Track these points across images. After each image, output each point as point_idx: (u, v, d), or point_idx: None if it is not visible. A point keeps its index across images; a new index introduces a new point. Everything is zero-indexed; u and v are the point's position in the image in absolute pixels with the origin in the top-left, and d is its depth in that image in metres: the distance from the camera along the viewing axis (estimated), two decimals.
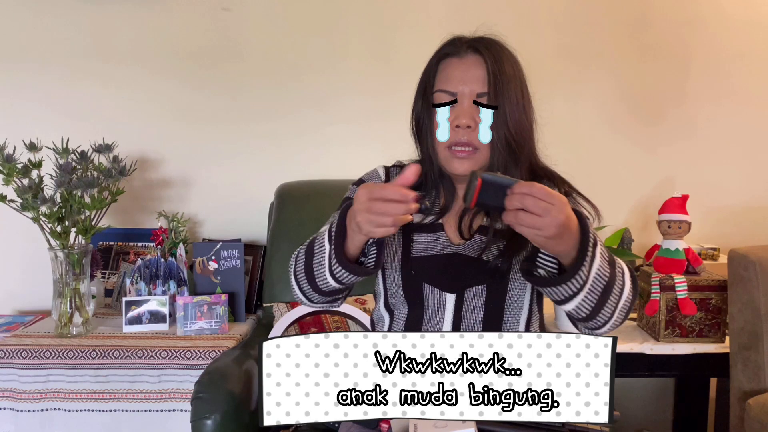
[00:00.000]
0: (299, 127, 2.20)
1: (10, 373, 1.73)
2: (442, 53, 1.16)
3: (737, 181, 2.25)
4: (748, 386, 1.75)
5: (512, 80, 1.12)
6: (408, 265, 1.17)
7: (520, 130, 1.12)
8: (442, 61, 1.15)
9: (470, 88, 1.11)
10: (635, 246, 2.10)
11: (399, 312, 1.20)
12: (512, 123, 1.11)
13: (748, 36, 2.21)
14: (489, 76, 1.10)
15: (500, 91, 1.10)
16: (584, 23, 2.19)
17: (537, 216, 0.90)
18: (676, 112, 2.23)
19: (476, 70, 1.11)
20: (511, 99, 1.11)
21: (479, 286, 1.15)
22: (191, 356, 1.71)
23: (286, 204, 2.01)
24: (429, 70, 1.17)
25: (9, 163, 1.77)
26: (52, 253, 1.82)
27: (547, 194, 0.90)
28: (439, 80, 1.14)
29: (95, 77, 2.16)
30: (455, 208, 1.21)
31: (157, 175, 2.20)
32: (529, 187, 0.90)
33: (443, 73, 1.14)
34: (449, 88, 1.12)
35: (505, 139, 1.11)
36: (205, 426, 1.40)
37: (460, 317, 1.15)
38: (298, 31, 2.17)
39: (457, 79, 1.12)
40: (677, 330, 1.87)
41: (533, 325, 1.20)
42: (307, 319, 1.77)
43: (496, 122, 1.11)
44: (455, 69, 1.13)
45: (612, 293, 1.03)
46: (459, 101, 1.12)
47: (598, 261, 0.99)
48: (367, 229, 0.94)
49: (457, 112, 1.12)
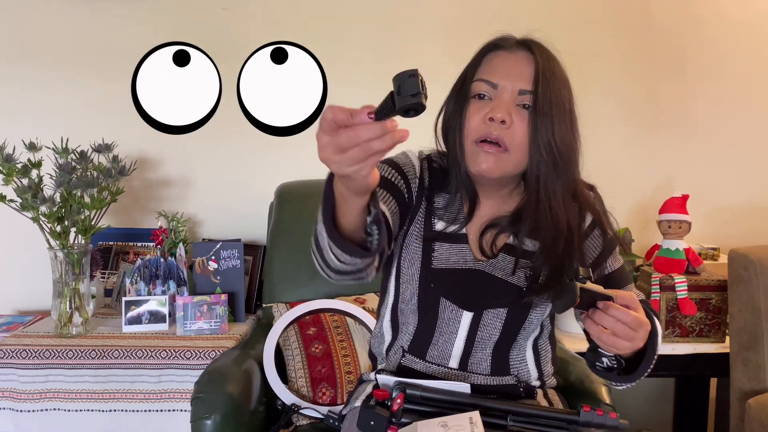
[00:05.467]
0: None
1: (10, 373, 1.73)
2: (490, 45, 1.08)
3: (737, 181, 2.25)
4: (748, 386, 1.75)
5: (563, 86, 1.05)
6: (428, 276, 1.11)
7: (567, 141, 1.04)
8: (488, 54, 1.07)
9: (513, 84, 1.03)
10: (635, 246, 2.10)
11: (407, 322, 1.16)
12: (558, 132, 1.03)
13: (747, 36, 2.21)
14: (538, 74, 1.02)
15: (548, 93, 1.02)
16: (584, 23, 2.19)
17: (620, 339, 0.94)
18: (676, 112, 2.23)
19: (524, 66, 1.04)
20: (560, 105, 1.03)
21: (500, 309, 1.11)
22: (191, 356, 1.71)
23: (286, 204, 2.01)
24: (472, 63, 1.09)
25: (9, 163, 1.77)
26: (51, 253, 1.82)
27: (637, 324, 0.93)
28: (481, 71, 1.07)
29: (95, 77, 2.16)
30: (477, 218, 1.14)
31: (157, 175, 2.20)
32: (624, 315, 0.93)
33: (487, 65, 1.06)
34: (492, 78, 1.04)
35: (549, 146, 1.02)
36: (204, 426, 1.39)
37: (474, 336, 1.12)
38: (298, 31, 2.17)
39: (502, 71, 1.04)
40: (677, 330, 1.87)
41: (543, 337, 1.18)
42: (306, 318, 1.77)
43: (540, 127, 1.02)
44: (502, 61, 1.05)
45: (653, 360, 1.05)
46: (498, 95, 1.04)
47: (658, 347, 1.04)
48: (340, 160, 0.74)
49: (494, 104, 1.03)
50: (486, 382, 1.13)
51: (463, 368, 1.13)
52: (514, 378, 1.14)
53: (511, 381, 1.14)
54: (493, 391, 1.13)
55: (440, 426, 0.96)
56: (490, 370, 1.13)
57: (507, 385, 1.14)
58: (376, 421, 1.03)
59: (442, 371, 1.14)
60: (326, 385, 1.65)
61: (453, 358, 1.13)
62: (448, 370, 1.13)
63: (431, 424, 0.98)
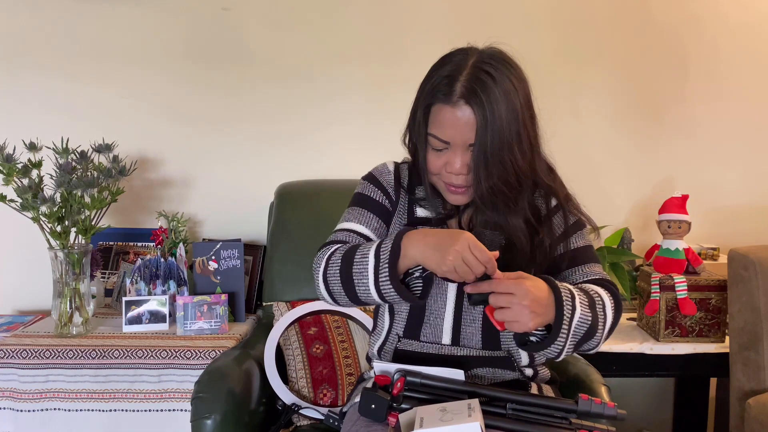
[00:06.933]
0: (299, 127, 2.20)
1: (10, 373, 1.73)
2: (436, 95, 1.11)
3: (737, 181, 2.25)
4: (748, 386, 1.75)
5: (509, 122, 1.09)
6: None
7: (516, 173, 1.12)
8: (435, 104, 1.12)
9: (462, 138, 1.10)
10: (635, 246, 2.10)
11: (400, 310, 1.22)
12: (506, 166, 1.10)
13: (747, 36, 2.21)
14: (478, 128, 1.08)
15: (492, 138, 1.08)
16: (584, 23, 2.20)
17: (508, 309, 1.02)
18: (676, 112, 2.23)
19: (468, 121, 1.09)
20: (505, 141, 1.09)
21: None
22: (191, 356, 1.71)
23: (286, 204, 2.01)
24: (423, 101, 1.14)
25: (9, 163, 1.77)
26: (52, 253, 1.82)
27: (506, 288, 1.03)
28: (432, 125, 1.13)
29: (95, 77, 2.16)
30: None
31: (157, 175, 2.20)
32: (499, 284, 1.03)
33: (436, 119, 1.12)
34: (442, 136, 1.12)
35: (496, 182, 1.11)
36: (205, 426, 1.39)
37: (461, 308, 1.18)
38: (298, 31, 2.17)
39: (450, 129, 1.11)
40: (677, 330, 1.87)
41: None
42: (308, 318, 1.77)
43: (491, 167, 1.10)
44: (448, 117, 1.10)
45: (597, 330, 1.10)
46: (451, 148, 1.12)
47: (579, 313, 1.07)
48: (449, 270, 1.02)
49: (450, 158, 1.13)
50: (478, 355, 1.18)
51: (456, 343, 1.19)
52: (506, 352, 1.19)
53: (502, 354, 1.19)
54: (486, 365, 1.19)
55: (439, 411, 0.98)
56: (482, 344, 1.18)
57: (500, 358, 1.19)
58: (377, 404, 1.06)
59: (436, 348, 1.19)
60: (327, 387, 1.65)
61: (445, 334, 1.19)
62: (441, 346, 1.19)
63: (430, 410, 0.99)
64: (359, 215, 1.23)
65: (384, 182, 1.26)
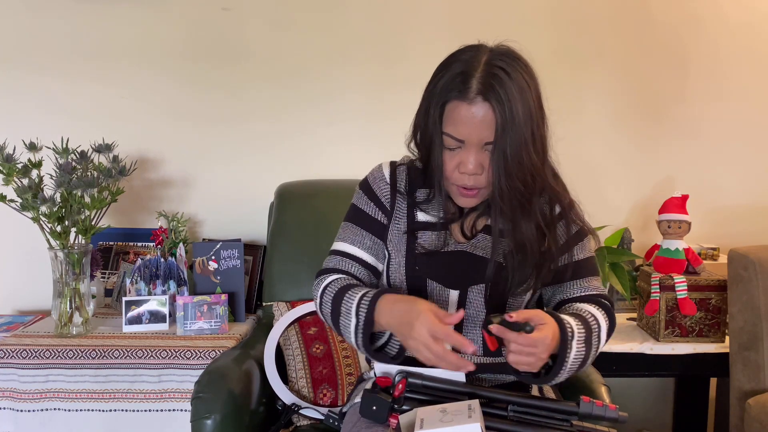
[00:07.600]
0: (299, 127, 2.20)
1: (10, 373, 1.73)
2: (450, 92, 1.08)
3: (737, 181, 2.25)
4: (748, 386, 1.75)
5: (525, 120, 1.06)
6: (412, 260, 1.19)
7: (532, 172, 1.10)
8: (450, 101, 1.08)
9: (478, 137, 1.07)
10: (635, 246, 2.10)
11: None
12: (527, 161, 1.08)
13: (747, 36, 2.21)
14: (497, 126, 1.05)
15: (510, 138, 1.06)
16: (584, 23, 2.19)
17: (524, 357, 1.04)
18: (676, 112, 2.23)
19: (485, 118, 1.06)
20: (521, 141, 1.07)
21: (482, 285, 1.17)
22: (191, 356, 1.71)
23: (286, 204, 2.01)
24: (436, 99, 1.10)
25: (9, 163, 1.77)
26: (52, 253, 1.82)
27: (531, 344, 1.02)
28: (446, 123, 1.09)
29: (95, 77, 2.16)
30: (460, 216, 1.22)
31: (157, 175, 2.20)
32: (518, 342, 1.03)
33: (451, 117, 1.08)
34: (457, 135, 1.08)
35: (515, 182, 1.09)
36: (205, 426, 1.39)
37: None
38: (297, 30, 2.17)
39: (465, 127, 1.07)
40: (677, 330, 1.87)
41: None
42: (308, 318, 1.77)
43: (510, 166, 1.07)
44: (464, 114, 1.07)
45: (590, 359, 1.14)
46: (466, 147, 1.09)
47: (573, 352, 1.09)
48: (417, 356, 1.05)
49: (464, 157, 1.09)
50: (480, 362, 1.18)
51: (458, 350, 1.16)
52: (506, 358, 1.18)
53: (503, 360, 1.18)
54: (487, 371, 1.19)
55: (439, 412, 0.99)
56: (483, 351, 1.19)
57: (501, 364, 1.18)
58: (378, 406, 1.06)
59: None
60: (327, 387, 1.65)
61: None
62: None
63: (431, 411, 1.00)
64: (353, 234, 1.23)
65: (378, 192, 1.23)
